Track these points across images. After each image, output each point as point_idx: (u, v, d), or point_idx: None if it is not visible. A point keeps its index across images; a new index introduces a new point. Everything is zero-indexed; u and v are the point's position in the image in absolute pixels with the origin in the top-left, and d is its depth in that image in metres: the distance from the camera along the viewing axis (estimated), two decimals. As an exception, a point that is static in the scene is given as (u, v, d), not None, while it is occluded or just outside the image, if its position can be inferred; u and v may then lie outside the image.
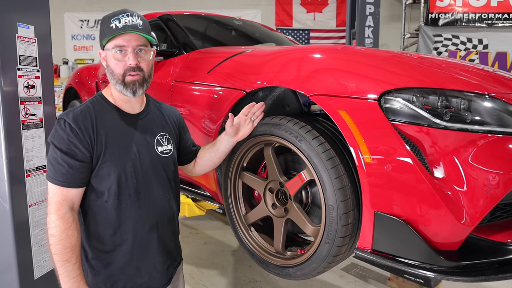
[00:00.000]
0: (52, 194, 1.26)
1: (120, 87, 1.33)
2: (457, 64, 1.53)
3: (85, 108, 1.32)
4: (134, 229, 1.35)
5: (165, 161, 1.45)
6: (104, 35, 1.32)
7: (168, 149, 1.47)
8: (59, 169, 1.25)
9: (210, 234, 3.54)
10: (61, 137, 1.25)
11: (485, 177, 1.26)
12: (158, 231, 1.41)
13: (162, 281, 1.45)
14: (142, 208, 1.36)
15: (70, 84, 4.10)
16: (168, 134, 1.49)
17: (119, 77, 1.32)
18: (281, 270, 1.68)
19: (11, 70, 1.65)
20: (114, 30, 1.29)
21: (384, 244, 1.36)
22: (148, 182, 1.38)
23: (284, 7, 10.08)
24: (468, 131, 1.27)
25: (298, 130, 1.50)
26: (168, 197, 1.46)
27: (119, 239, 1.34)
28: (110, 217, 1.32)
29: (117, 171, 1.31)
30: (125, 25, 1.30)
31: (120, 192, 1.32)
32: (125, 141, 1.34)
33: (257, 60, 1.85)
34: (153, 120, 1.46)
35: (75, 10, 10.37)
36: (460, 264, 1.29)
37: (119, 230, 1.33)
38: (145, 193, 1.37)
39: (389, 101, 1.33)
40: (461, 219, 1.27)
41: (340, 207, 1.40)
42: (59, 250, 1.23)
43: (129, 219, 1.34)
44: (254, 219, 1.82)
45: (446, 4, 7.22)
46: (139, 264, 1.38)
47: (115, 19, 1.30)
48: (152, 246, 1.40)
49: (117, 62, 1.32)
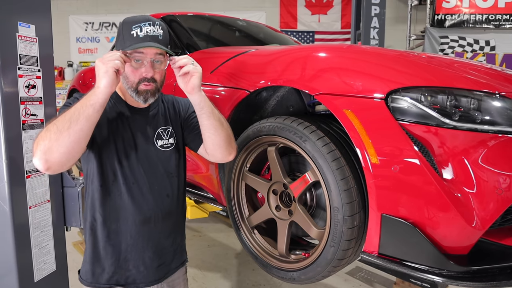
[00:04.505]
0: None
1: (133, 94, 1.34)
2: (466, 63, 1.49)
3: None
4: (124, 219, 1.38)
5: (164, 155, 1.44)
6: (123, 40, 1.31)
7: (169, 143, 1.45)
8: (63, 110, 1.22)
9: (213, 236, 3.52)
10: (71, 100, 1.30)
11: (495, 179, 1.23)
12: (150, 226, 1.41)
13: (149, 278, 1.44)
14: (135, 200, 1.38)
15: (74, 85, 4.09)
16: (172, 127, 1.48)
17: (133, 84, 1.34)
18: (285, 273, 1.65)
19: (12, 70, 1.63)
20: (134, 38, 1.29)
21: (391, 247, 1.33)
22: (142, 175, 1.39)
23: (288, 9, 10.07)
24: (478, 131, 1.23)
25: (303, 131, 1.47)
26: (165, 193, 1.44)
27: (110, 226, 1.38)
28: (100, 202, 1.36)
29: (111, 161, 1.35)
30: (146, 35, 1.30)
31: (113, 183, 1.36)
32: (124, 131, 1.37)
33: (261, 59, 1.82)
34: (158, 114, 1.46)
35: (80, 12, 10.41)
36: (470, 269, 1.26)
37: (108, 218, 1.37)
38: (138, 185, 1.38)
39: (396, 100, 1.30)
40: (472, 222, 1.23)
41: (345, 209, 1.36)
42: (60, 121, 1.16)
43: (119, 209, 1.37)
44: (257, 221, 1.79)
45: (452, 5, 7.16)
46: (128, 256, 1.40)
47: (136, 27, 1.30)
48: (141, 240, 1.41)
49: (133, 69, 1.32)
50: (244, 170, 1.80)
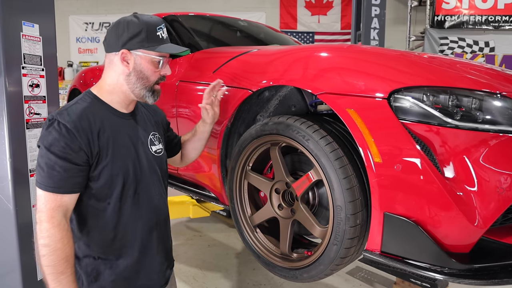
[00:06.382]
0: (44, 201, 1.16)
1: (146, 93, 1.34)
2: (467, 64, 1.51)
3: (80, 107, 1.24)
4: (134, 231, 1.32)
5: (159, 161, 1.44)
6: (146, 41, 1.30)
7: (160, 148, 1.45)
8: (53, 175, 1.16)
9: (214, 236, 3.52)
10: (55, 140, 1.16)
11: (497, 178, 1.24)
12: (157, 231, 1.40)
13: (160, 282, 1.43)
14: (141, 209, 1.33)
15: (75, 85, 4.09)
16: (158, 133, 1.48)
17: (151, 84, 1.34)
18: (287, 272, 1.66)
19: (16, 69, 1.65)
20: (160, 40, 1.32)
21: (393, 246, 1.33)
22: (146, 182, 1.35)
23: (288, 10, 10.09)
24: (480, 131, 1.24)
25: (306, 130, 1.48)
26: (163, 197, 1.45)
27: (119, 242, 1.30)
28: (110, 220, 1.27)
29: (121, 172, 1.27)
30: (167, 37, 1.37)
31: (123, 194, 1.28)
32: (124, 141, 1.31)
33: (263, 59, 1.83)
34: (144, 119, 1.45)
35: (80, 12, 10.41)
36: (472, 267, 1.26)
37: (119, 233, 1.29)
38: (143, 193, 1.34)
39: (398, 99, 1.31)
40: (474, 221, 1.24)
41: (348, 208, 1.37)
42: (53, 261, 1.14)
43: (130, 221, 1.30)
44: (259, 220, 1.80)
45: (452, 6, 7.18)
46: (139, 267, 1.34)
47: (160, 28, 1.33)
48: (151, 248, 1.37)
49: (155, 70, 1.33)
50: (246, 169, 1.81)
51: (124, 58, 1.30)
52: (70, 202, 1.20)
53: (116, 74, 1.33)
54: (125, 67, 1.31)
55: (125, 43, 1.29)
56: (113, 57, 1.33)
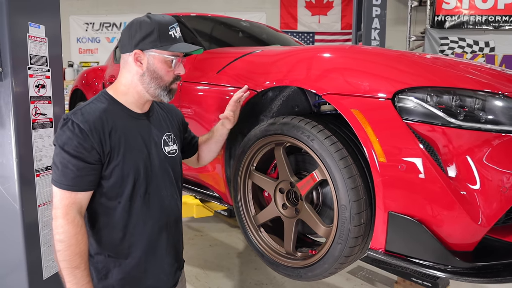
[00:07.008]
0: (59, 198, 1.20)
1: (162, 93, 1.35)
2: (469, 64, 1.52)
3: (94, 107, 1.26)
4: (143, 231, 1.33)
5: (172, 161, 1.43)
6: (159, 40, 1.30)
7: (174, 149, 1.45)
8: (67, 173, 1.19)
9: (215, 236, 3.54)
10: (69, 139, 1.18)
11: (499, 178, 1.25)
12: (167, 232, 1.40)
13: (168, 283, 1.43)
14: (151, 209, 1.34)
15: (77, 85, 4.10)
16: (173, 134, 1.48)
17: (166, 84, 1.35)
18: (291, 271, 1.67)
19: (22, 70, 1.66)
20: (173, 39, 1.32)
21: (397, 244, 1.35)
22: (157, 182, 1.36)
23: (289, 10, 10.10)
24: (483, 131, 1.26)
25: (310, 130, 1.49)
26: (175, 198, 1.44)
27: (128, 241, 1.31)
28: (120, 219, 1.29)
29: (132, 172, 1.28)
30: (180, 36, 1.37)
31: (133, 194, 1.29)
32: (136, 141, 1.32)
33: (268, 59, 1.85)
34: (159, 119, 1.45)
35: (81, 13, 10.41)
36: (475, 265, 1.28)
37: (128, 232, 1.30)
38: (154, 193, 1.35)
39: (402, 100, 1.32)
40: (477, 220, 1.25)
41: (353, 207, 1.39)
42: (68, 256, 1.18)
43: (139, 221, 1.31)
44: (264, 219, 1.81)
45: (452, 6, 7.19)
46: (147, 267, 1.35)
47: (172, 27, 1.33)
48: (160, 248, 1.38)
49: (169, 69, 1.34)
50: (251, 169, 1.82)
51: (137, 59, 1.31)
52: (84, 200, 1.23)
53: (130, 75, 1.33)
54: (139, 67, 1.32)
55: (137, 43, 1.30)
56: (127, 58, 1.33)
